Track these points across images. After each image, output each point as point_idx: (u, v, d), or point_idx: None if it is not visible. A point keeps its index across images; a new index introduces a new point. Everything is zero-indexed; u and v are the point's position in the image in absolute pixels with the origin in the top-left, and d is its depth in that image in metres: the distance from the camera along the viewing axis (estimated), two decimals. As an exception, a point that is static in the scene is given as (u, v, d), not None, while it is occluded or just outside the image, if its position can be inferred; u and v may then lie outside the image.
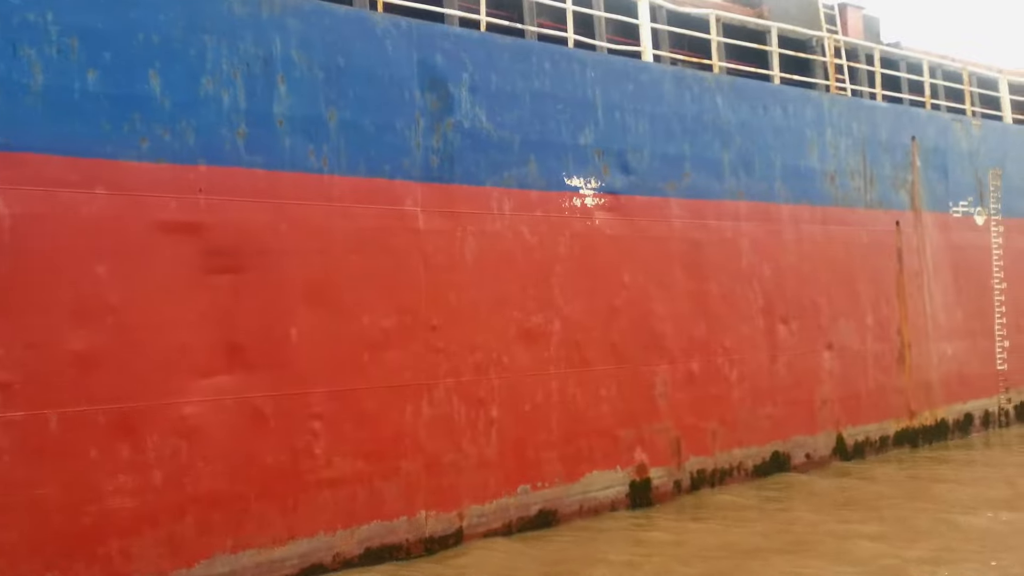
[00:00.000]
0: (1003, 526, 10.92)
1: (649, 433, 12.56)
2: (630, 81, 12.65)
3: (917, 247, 16.69)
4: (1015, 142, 18.79)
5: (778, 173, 14.51)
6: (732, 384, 13.65)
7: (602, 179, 12.28)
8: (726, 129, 13.81)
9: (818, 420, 14.83)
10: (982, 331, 17.77)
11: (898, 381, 16.16)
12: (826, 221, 15.20)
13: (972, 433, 17.36)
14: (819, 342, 14.94)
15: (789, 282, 14.58)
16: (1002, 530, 10.75)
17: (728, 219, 13.77)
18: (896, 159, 16.44)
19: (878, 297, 15.93)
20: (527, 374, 11.32)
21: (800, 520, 11.51)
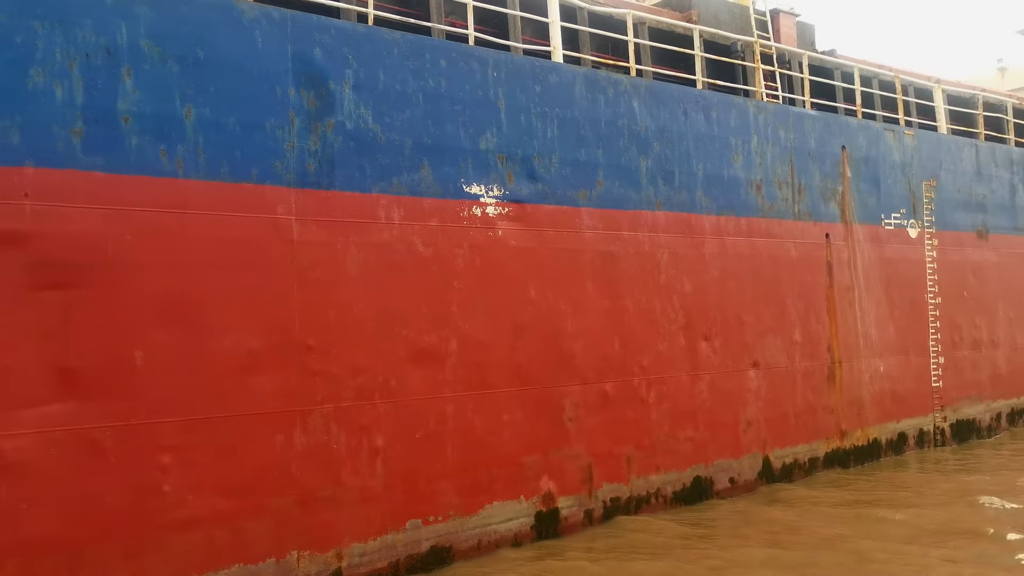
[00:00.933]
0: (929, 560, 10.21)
1: (558, 459, 11.68)
2: (537, 82, 11.82)
3: (848, 261, 16.06)
4: (949, 153, 18.30)
5: (700, 182, 13.77)
6: (650, 406, 12.83)
7: (506, 187, 11.42)
8: (643, 135, 13.04)
9: (743, 442, 14.08)
10: (916, 347, 17.20)
11: (828, 400, 15.49)
12: (752, 233, 14.49)
13: (906, 453, 16.74)
14: (744, 360, 14.21)
15: (712, 297, 13.83)
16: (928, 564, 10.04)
17: (645, 230, 12.98)
18: (826, 169, 15.82)
19: (807, 312, 15.25)
20: (419, 398, 10.38)
21: (716, 556, 10.69)
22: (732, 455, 13.90)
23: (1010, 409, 19.23)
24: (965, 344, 18.21)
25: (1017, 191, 19.83)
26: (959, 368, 18.00)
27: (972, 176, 18.74)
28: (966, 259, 18.42)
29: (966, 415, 18.14)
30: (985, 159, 19.07)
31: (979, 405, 18.46)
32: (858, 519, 12.14)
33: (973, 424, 18.30)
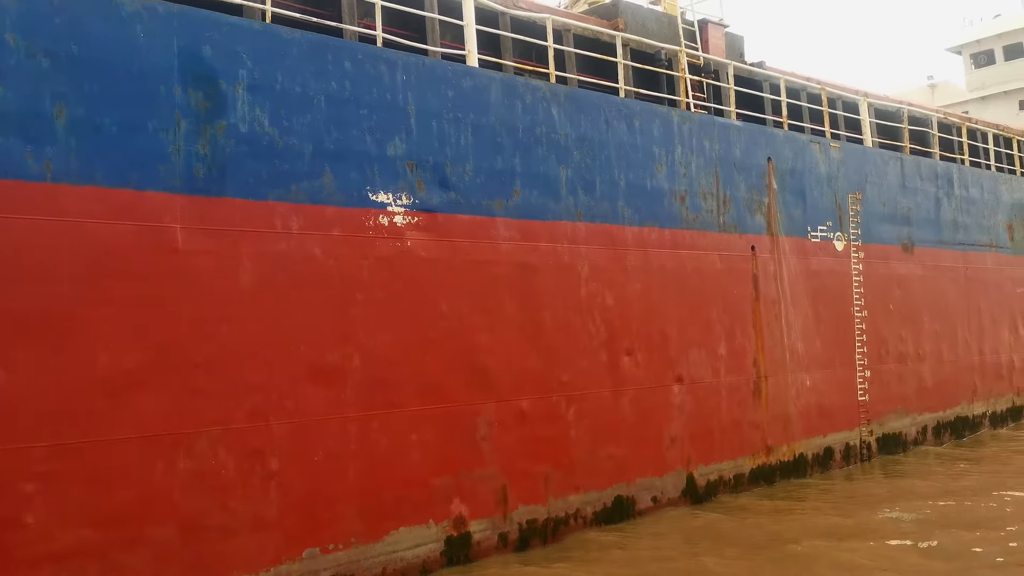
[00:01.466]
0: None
1: (470, 481, 11.16)
2: (450, 87, 11.34)
3: (774, 273, 15.86)
4: (875, 166, 18.29)
5: (623, 192, 13.42)
6: (569, 423, 12.39)
7: (416, 195, 10.90)
8: (563, 143, 12.64)
9: (667, 459, 13.72)
10: (842, 361, 17.07)
11: (754, 415, 15.23)
12: (676, 245, 14.18)
13: (832, 468, 16.56)
14: (668, 375, 13.86)
15: (635, 310, 13.46)
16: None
17: (565, 242, 12.57)
18: (752, 180, 15.61)
19: (733, 326, 14.99)
20: (319, 418, 9.79)
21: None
22: (655, 472, 13.52)
23: (936, 422, 19.23)
24: (891, 357, 18.17)
25: (942, 205, 19.93)
26: (885, 382, 17.93)
27: (898, 189, 18.75)
28: (892, 272, 18.40)
29: (892, 429, 18.07)
30: (910, 172, 19.12)
31: (905, 419, 18.42)
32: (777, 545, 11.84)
33: (899, 438, 18.24)
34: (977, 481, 15.24)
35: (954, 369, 19.82)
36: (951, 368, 19.73)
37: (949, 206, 20.12)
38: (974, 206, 20.88)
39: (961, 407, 19.99)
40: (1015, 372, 21.75)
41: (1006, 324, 21.60)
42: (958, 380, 19.92)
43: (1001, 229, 21.74)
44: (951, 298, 19.90)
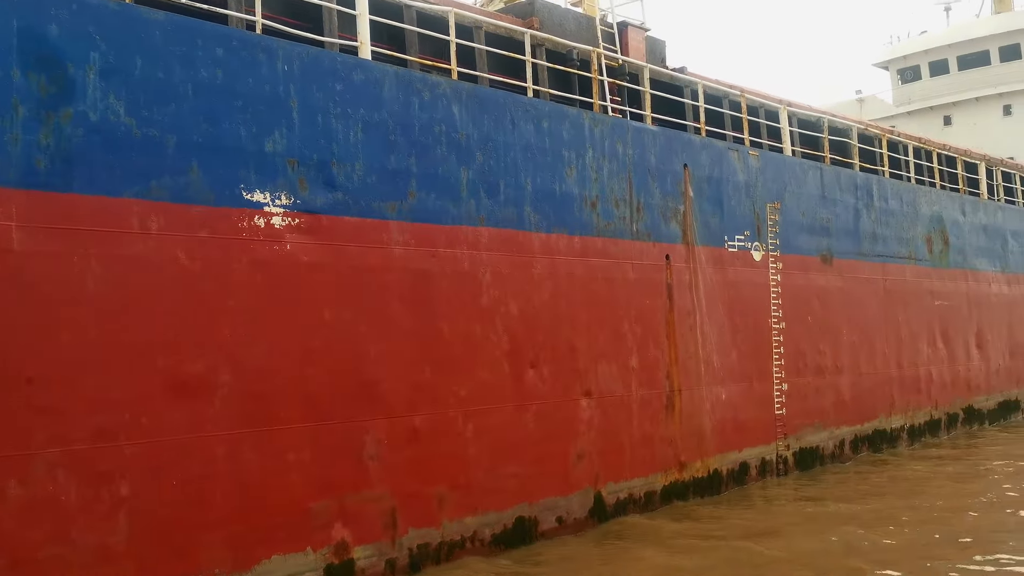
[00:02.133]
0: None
1: (355, 503, 10.37)
2: (339, 80, 10.57)
3: (689, 283, 15.39)
4: (795, 175, 17.99)
5: (529, 197, 12.78)
6: (467, 440, 11.68)
7: (297, 195, 10.10)
8: (465, 144, 11.96)
9: (573, 477, 13.08)
10: (759, 374, 16.68)
11: (667, 430, 14.71)
12: (586, 253, 13.59)
13: (748, 484, 16.12)
14: (576, 388, 13.24)
15: (541, 321, 12.82)
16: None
17: (465, 247, 11.87)
18: (667, 187, 15.12)
19: (645, 337, 14.45)
20: (179, 437, 8.91)
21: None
22: (561, 492, 12.87)
23: (854, 436, 18.99)
24: (809, 370, 17.85)
25: (861, 216, 19.75)
26: (803, 395, 17.60)
27: (817, 200, 18.49)
28: (810, 283, 18.11)
29: (810, 443, 17.74)
30: (830, 183, 18.89)
31: (823, 432, 18.12)
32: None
33: (817, 452, 17.92)
34: (884, 505, 14.91)
35: (872, 382, 19.62)
36: (869, 381, 19.53)
37: (869, 218, 19.96)
38: (893, 218, 20.77)
39: (879, 420, 19.80)
40: (933, 385, 21.69)
41: (924, 337, 21.54)
42: (876, 393, 19.73)
43: (920, 241, 21.69)
44: (870, 310, 19.71)
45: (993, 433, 22.83)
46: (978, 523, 13.18)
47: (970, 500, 14.79)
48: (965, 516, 13.64)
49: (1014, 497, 15.00)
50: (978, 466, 18.14)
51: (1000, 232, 25.47)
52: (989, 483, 16.32)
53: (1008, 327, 25.43)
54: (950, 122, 45.29)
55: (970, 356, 23.43)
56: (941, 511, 14.04)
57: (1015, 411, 25.51)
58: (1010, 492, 15.45)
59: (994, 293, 24.77)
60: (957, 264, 23.11)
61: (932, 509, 14.21)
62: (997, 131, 42.77)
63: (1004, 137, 41.54)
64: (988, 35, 42.99)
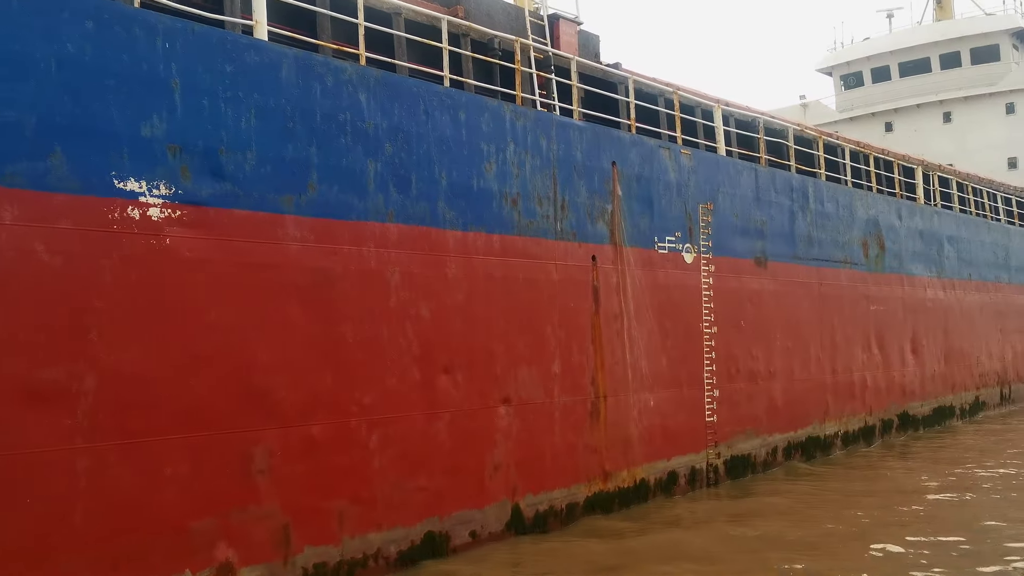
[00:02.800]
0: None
1: (241, 521, 9.55)
2: (229, 60, 9.75)
3: (617, 285, 14.79)
4: (728, 176, 17.52)
5: (444, 192, 12.06)
6: (372, 451, 10.92)
7: (179, 184, 9.25)
8: (372, 134, 11.20)
9: (489, 489, 12.39)
10: (689, 379, 16.15)
11: (591, 438, 14.08)
12: (506, 252, 12.91)
13: (676, 494, 15.57)
14: (493, 396, 12.56)
15: (455, 324, 12.11)
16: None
17: (372, 245, 11.12)
18: (594, 185, 14.51)
19: (569, 342, 13.81)
20: (33, 451, 8.02)
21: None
22: (475, 504, 12.17)
23: (787, 443, 18.58)
24: (741, 376, 17.39)
25: (796, 218, 19.38)
26: (735, 401, 17.13)
27: (751, 201, 18.06)
28: (744, 287, 17.66)
29: (741, 451, 17.27)
30: (765, 184, 18.47)
31: (755, 440, 17.67)
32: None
33: (748, 460, 17.46)
34: (810, 529, 14.47)
35: (806, 388, 19.25)
36: (803, 387, 19.16)
37: (804, 220, 19.60)
38: (829, 221, 20.45)
39: (813, 427, 19.44)
40: (868, 391, 21.43)
41: (859, 342, 21.26)
42: (810, 400, 19.37)
43: (856, 245, 21.42)
44: (804, 315, 19.35)
45: (925, 440, 22.66)
46: (914, 544, 12.77)
47: (900, 517, 14.39)
48: (899, 534, 13.24)
49: (947, 509, 14.67)
50: (909, 477, 17.84)
51: (936, 237, 25.39)
52: (919, 498, 15.98)
53: (943, 333, 25.36)
54: (891, 128, 45.67)
55: (905, 362, 23.26)
56: (870, 529, 13.63)
57: (950, 417, 25.44)
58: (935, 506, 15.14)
59: (929, 298, 24.66)
60: (893, 269, 22.92)
61: (858, 528, 13.79)
62: (937, 138, 43.19)
63: (944, 144, 41.95)
64: (929, 42, 43.39)
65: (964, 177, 29.07)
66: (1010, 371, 29.67)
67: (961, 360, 26.35)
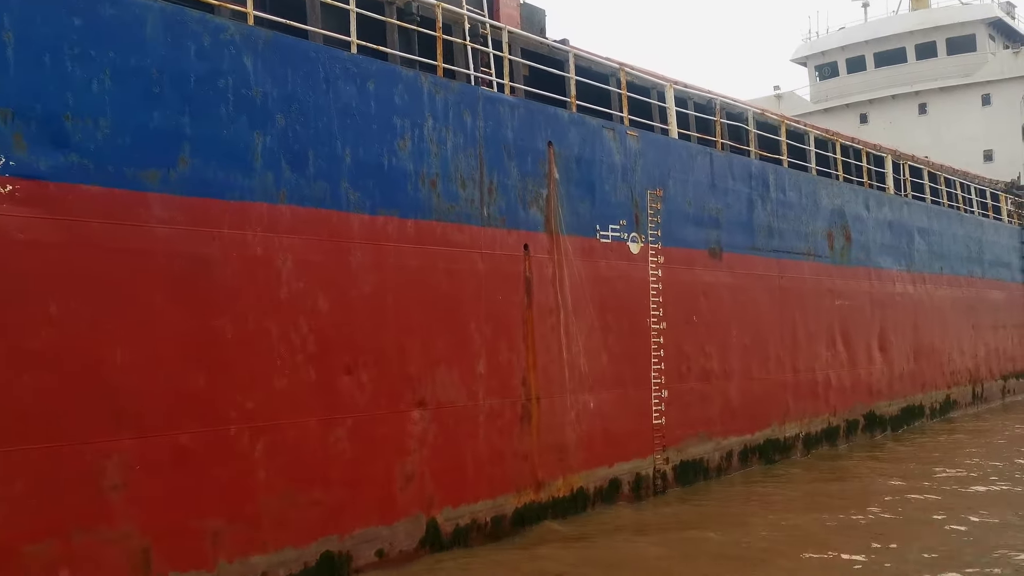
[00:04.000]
0: None
1: (89, 544, 8.26)
2: (77, 13, 8.42)
3: (553, 277, 13.56)
4: (680, 160, 16.32)
5: (348, 171, 10.79)
6: (255, 462, 9.65)
7: (11, 155, 7.95)
8: (260, 103, 9.90)
9: (400, 502, 11.14)
10: (635, 379, 14.95)
11: (521, 444, 12.86)
12: (422, 239, 11.65)
13: (619, 503, 14.36)
14: (405, 398, 11.30)
15: (361, 319, 10.84)
16: None
17: (259, 229, 9.83)
18: (527, 167, 13.26)
19: (497, 339, 12.58)
20: None
21: None
22: (383, 520, 10.92)
23: (743, 446, 17.43)
24: (693, 375, 16.21)
25: (755, 207, 18.21)
26: (686, 402, 15.95)
27: (706, 188, 16.87)
28: (697, 280, 16.47)
29: (693, 455, 16.10)
30: (721, 170, 17.28)
31: (708, 443, 16.50)
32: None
33: (700, 465, 16.29)
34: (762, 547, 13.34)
35: (764, 387, 18.11)
36: (761, 386, 18.01)
37: (764, 209, 18.44)
38: (791, 211, 19.31)
39: (772, 429, 18.30)
40: (832, 390, 20.32)
41: (823, 339, 20.15)
42: (769, 400, 18.23)
43: (820, 237, 20.30)
44: (763, 310, 18.20)
45: (893, 442, 21.59)
46: (876, 552, 11.65)
47: (860, 522, 13.28)
48: (859, 543, 12.11)
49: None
50: (872, 481, 16.75)
51: (906, 229, 24.33)
52: (882, 501, 14.86)
53: (913, 329, 24.32)
54: (866, 120, 44.72)
55: (872, 359, 22.18)
56: (827, 535, 12.50)
57: (919, 416, 24.41)
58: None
59: (899, 293, 23.61)
60: (860, 262, 21.82)
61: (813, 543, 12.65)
62: (913, 130, 42.25)
63: (920, 136, 40.98)
64: (905, 32, 42.45)
65: (937, 168, 28.04)
66: (982, 369, 28.71)
67: (931, 357, 25.33)
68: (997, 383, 29.80)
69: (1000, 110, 41.16)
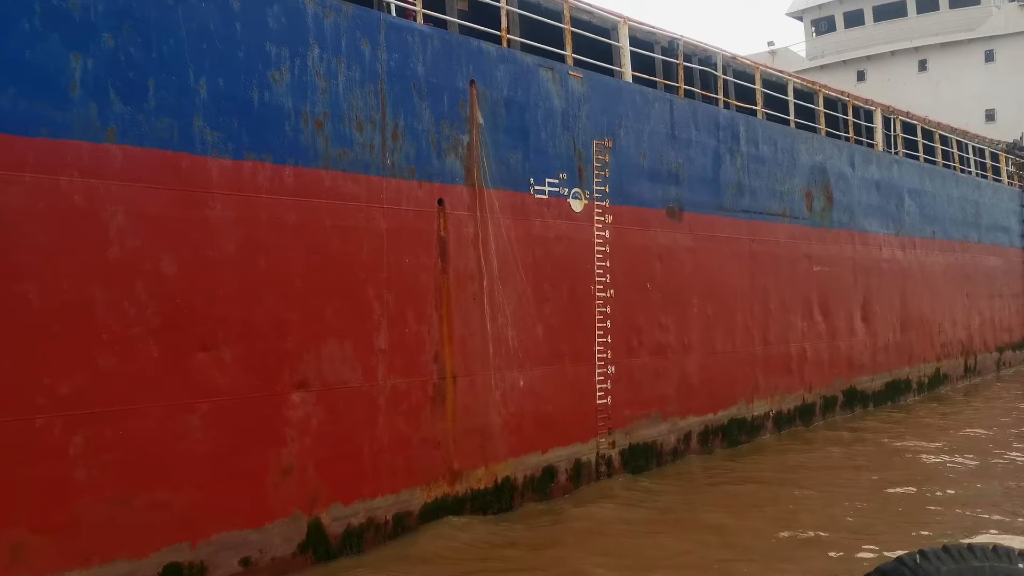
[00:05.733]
0: None
1: None
2: None
3: (475, 237, 11.76)
4: (634, 107, 14.42)
5: (204, 105, 8.94)
6: (73, 459, 7.93)
7: None
8: (80, 17, 8.04)
9: (273, 501, 9.44)
10: (576, 354, 13.21)
11: (433, 430, 11.15)
12: (304, 191, 9.83)
13: (554, 495, 12.69)
14: (283, 378, 9.57)
15: (224, 284, 9.07)
16: None
17: (77, 174, 8.02)
18: (443, 110, 11.40)
19: (403, 308, 10.81)
20: None
21: None
22: (251, 522, 9.23)
23: (703, 427, 15.73)
24: (646, 349, 14.46)
25: (723, 162, 16.34)
26: (636, 379, 14.22)
27: (665, 139, 14.99)
28: (651, 242, 14.66)
29: (644, 438, 14.40)
30: (682, 119, 15.38)
31: (662, 424, 14.80)
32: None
33: (653, 449, 14.59)
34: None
35: (730, 362, 16.38)
36: (726, 361, 16.28)
37: (732, 164, 16.56)
38: (764, 166, 17.44)
39: (738, 407, 16.60)
40: (807, 364, 18.60)
41: (799, 308, 18.39)
42: (734, 375, 16.51)
43: (798, 196, 18.44)
44: (730, 276, 16.42)
45: (873, 419, 19.90)
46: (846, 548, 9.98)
47: (831, 513, 11.61)
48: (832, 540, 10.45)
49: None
50: (845, 464, 15.07)
51: (896, 189, 22.45)
52: (857, 490, 13.17)
53: (901, 297, 22.54)
54: (864, 78, 42.68)
55: (854, 331, 20.43)
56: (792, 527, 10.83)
57: (905, 391, 22.72)
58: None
59: (885, 259, 21.79)
60: (842, 224, 19.99)
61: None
62: (912, 88, 40.25)
63: (919, 94, 38.96)
64: (905, -17, 40.31)
65: (932, 125, 26.07)
66: (976, 340, 26.98)
67: (920, 328, 23.59)
68: (992, 355, 28.10)
69: (1004, 67, 39.09)
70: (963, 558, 4.32)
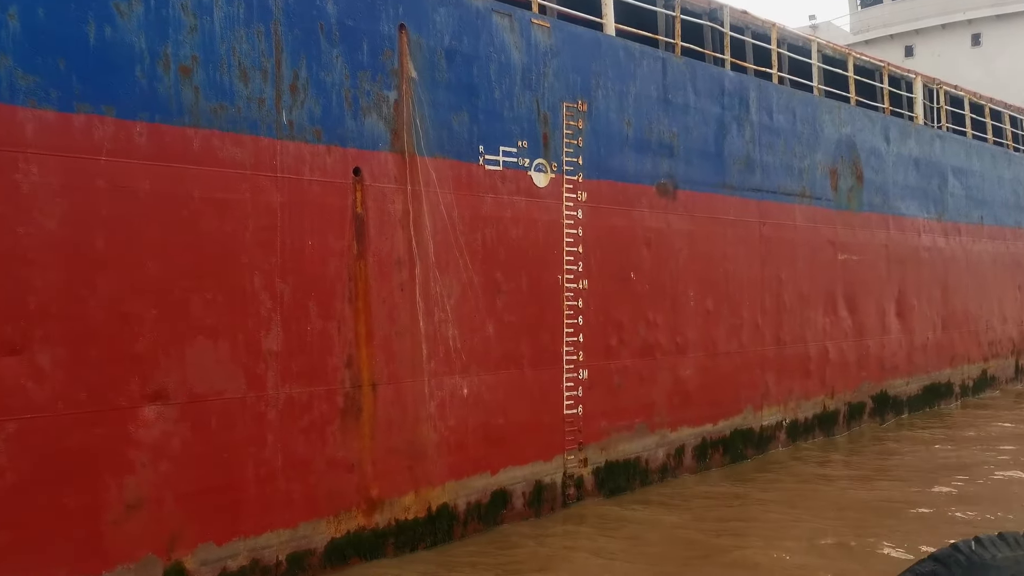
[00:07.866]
0: None
1: None
2: None
3: (404, 215, 9.70)
4: (616, 64, 12.20)
5: (14, 42, 6.99)
6: None
7: None
8: None
9: (112, 543, 7.52)
10: (536, 356, 11.10)
11: (344, 449, 9.14)
12: (164, 153, 7.85)
13: (505, 521, 10.64)
14: (130, 388, 7.63)
15: (40, 269, 7.14)
16: None
17: None
18: (361, 59, 9.33)
19: (303, 301, 8.81)
20: None
21: None
22: (77, 571, 7.31)
23: (700, 440, 13.52)
24: (629, 349, 12.30)
25: (729, 132, 14.04)
26: (614, 385, 12.07)
27: (655, 103, 12.75)
28: (637, 224, 12.47)
29: (624, 453, 12.26)
30: (677, 81, 13.12)
31: (648, 437, 12.64)
32: None
33: (635, 466, 12.44)
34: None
35: (735, 364, 14.13)
36: (730, 363, 14.03)
37: (740, 136, 14.26)
38: (780, 138, 15.09)
39: (744, 416, 14.36)
40: (829, 366, 16.25)
41: (820, 302, 16.04)
42: (740, 379, 14.25)
43: (820, 173, 16.06)
44: (736, 265, 14.14)
45: (909, 429, 17.48)
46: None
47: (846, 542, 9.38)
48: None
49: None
50: (867, 482, 12.76)
51: (938, 168, 19.88)
52: (881, 515, 10.90)
53: (942, 290, 20.02)
54: (912, 53, 39.72)
55: (887, 328, 18.01)
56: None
57: (946, 396, 20.22)
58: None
59: (925, 247, 19.29)
60: (874, 207, 17.54)
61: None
62: (964, 63, 37.27)
63: (972, 70, 35.99)
64: (957, -51, 37.35)
65: (983, 98, 23.35)
66: (1029, 337, 24.29)
67: (965, 325, 21.03)
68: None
69: (1066, 41, 36.01)
70: (1019, 545, 4.29)
